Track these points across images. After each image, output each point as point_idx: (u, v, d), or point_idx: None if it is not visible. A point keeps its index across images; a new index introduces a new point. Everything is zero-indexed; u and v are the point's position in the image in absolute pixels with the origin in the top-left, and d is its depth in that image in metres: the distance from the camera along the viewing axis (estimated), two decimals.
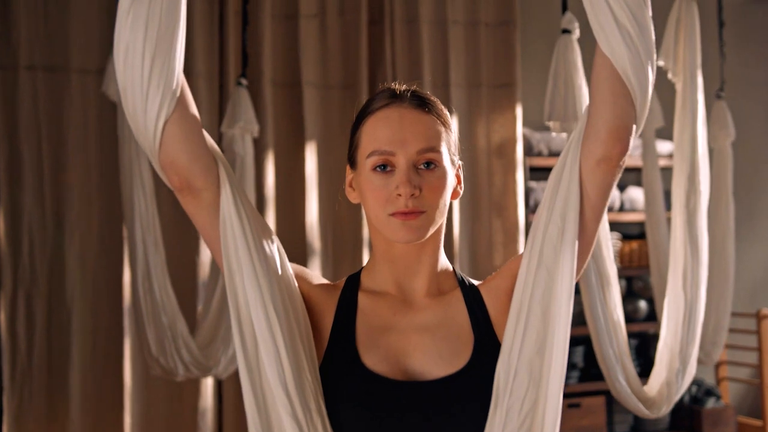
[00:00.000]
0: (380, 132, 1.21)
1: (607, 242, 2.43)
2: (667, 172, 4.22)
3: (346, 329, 1.22)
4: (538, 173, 4.33)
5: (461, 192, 1.28)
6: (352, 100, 3.81)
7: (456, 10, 4.02)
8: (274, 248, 1.20)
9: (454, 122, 1.29)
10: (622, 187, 4.42)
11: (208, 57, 3.62)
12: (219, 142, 3.26)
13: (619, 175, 1.16)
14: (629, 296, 4.39)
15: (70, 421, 3.38)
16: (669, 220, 3.24)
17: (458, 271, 1.31)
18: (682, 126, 2.53)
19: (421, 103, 1.23)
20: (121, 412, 3.44)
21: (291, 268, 1.23)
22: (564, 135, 2.86)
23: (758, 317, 4.39)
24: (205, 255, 3.52)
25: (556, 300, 1.15)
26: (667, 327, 2.52)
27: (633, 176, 4.51)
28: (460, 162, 1.28)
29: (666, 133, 4.01)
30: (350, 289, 1.27)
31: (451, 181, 1.23)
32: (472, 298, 1.25)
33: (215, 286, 3.16)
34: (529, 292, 1.17)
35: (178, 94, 1.11)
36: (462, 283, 1.28)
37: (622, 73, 1.10)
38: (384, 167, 1.20)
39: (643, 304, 4.35)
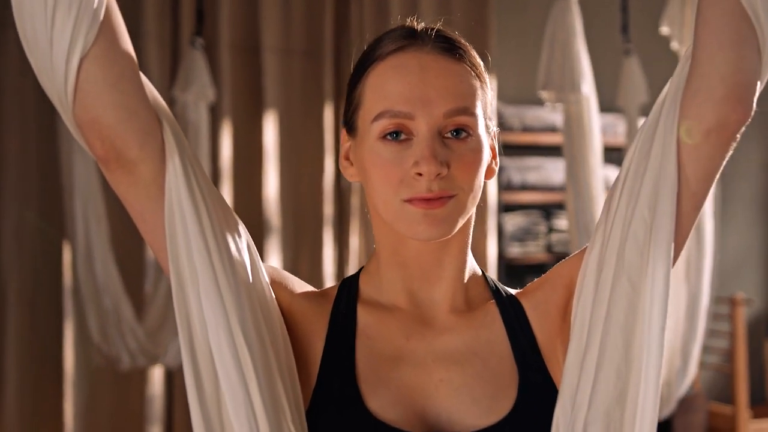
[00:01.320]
0: (392, 86, 0.89)
1: None
2: None
3: (342, 358, 0.90)
4: (510, 150, 4.12)
5: (497, 170, 0.96)
6: (316, 67, 3.61)
7: None
8: (243, 245, 0.87)
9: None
10: None
11: (158, 15, 3.35)
12: (170, 108, 3.00)
13: (730, 153, 0.85)
14: None
15: (5, 407, 3.15)
16: None
17: (490, 276, 0.99)
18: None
19: (449, 46, 0.91)
20: (60, 400, 3.21)
21: (266, 272, 0.91)
22: (547, 107, 2.65)
23: (731, 302, 4.28)
24: None
25: (644, 324, 0.82)
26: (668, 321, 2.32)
27: (614, 155, 4.32)
28: (496, 129, 0.97)
29: (649, 110, 3.82)
30: (346, 301, 0.94)
31: (486, 155, 0.92)
32: (513, 314, 0.93)
33: None
34: (603, 314, 0.84)
35: (101, 16, 0.80)
36: (497, 294, 0.96)
37: (748, 7, 0.79)
38: (397, 135, 0.88)
39: None
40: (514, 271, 3.99)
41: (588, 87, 2.34)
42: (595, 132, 2.45)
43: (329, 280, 3.55)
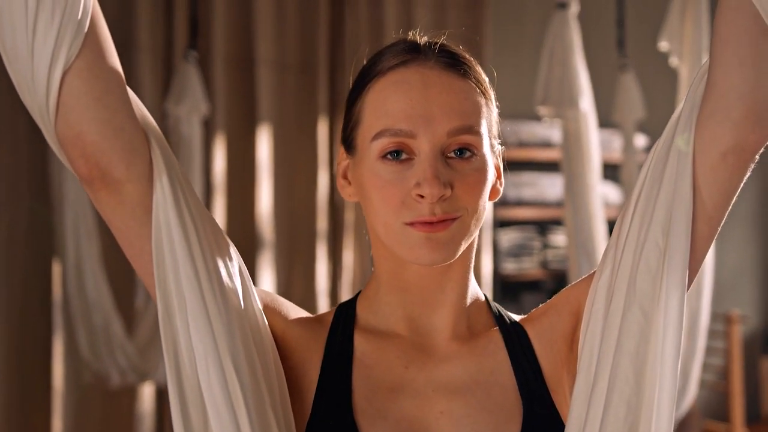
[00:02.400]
0: (394, 103, 0.85)
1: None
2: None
3: (338, 388, 0.86)
4: (505, 165, 4.09)
5: (501, 190, 0.92)
6: (310, 81, 3.59)
7: None
8: (234, 270, 0.83)
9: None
10: None
11: (152, 28, 3.32)
12: (163, 122, 2.98)
13: (748, 174, 0.81)
14: None
15: None
16: None
17: (492, 301, 0.95)
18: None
19: (453, 61, 0.88)
20: (49, 417, 3.16)
21: (258, 297, 0.86)
22: (542, 123, 2.63)
23: (727, 319, 4.25)
24: None
25: (657, 355, 0.78)
26: None
27: (610, 172, 4.30)
28: (500, 147, 0.92)
29: (645, 126, 3.80)
30: (342, 328, 0.90)
31: (491, 175, 0.88)
32: (517, 342, 0.89)
33: None
34: (613, 343, 0.79)
35: (86, 27, 0.75)
36: (500, 321, 0.92)
37: None
38: (398, 154, 0.84)
39: None
40: (509, 287, 3.96)
41: (587, 103, 2.32)
42: (594, 149, 2.43)
43: (322, 296, 3.51)
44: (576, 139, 2.39)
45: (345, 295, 3.57)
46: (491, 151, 0.89)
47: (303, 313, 0.93)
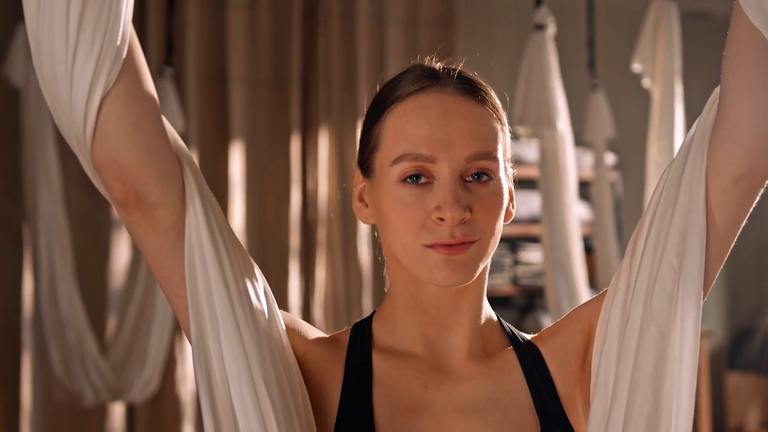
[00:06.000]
0: (414, 128, 0.87)
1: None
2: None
3: (359, 408, 0.87)
4: None
5: (514, 213, 0.94)
6: (283, 98, 3.58)
7: (396, 7, 3.82)
8: (261, 292, 0.85)
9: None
10: None
11: None
12: None
13: (758, 198, 0.84)
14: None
15: None
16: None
17: (505, 322, 0.97)
18: (659, 138, 2.34)
19: (471, 87, 0.90)
20: None
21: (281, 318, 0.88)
22: (518, 141, 2.66)
23: None
24: (119, 260, 3.17)
25: (674, 373, 0.80)
26: None
27: (581, 189, 4.35)
28: (513, 170, 0.95)
29: (615, 144, 3.86)
30: (360, 347, 0.91)
31: (506, 199, 0.91)
32: (532, 361, 0.91)
33: (130, 296, 2.86)
34: (630, 363, 0.82)
35: (123, 54, 0.76)
36: (514, 340, 0.94)
37: None
38: (417, 178, 0.86)
39: None
40: None
41: (563, 123, 2.36)
42: (570, 167, 2.47)
43: (294, 313, 3.50)
44: (553, 158, 2.42)
45: (317, 312, 3.56)
46: (505, 175, 0.92)
47: (319, 333, 0.94)
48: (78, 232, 3.09)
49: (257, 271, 0.87)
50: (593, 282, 4.15)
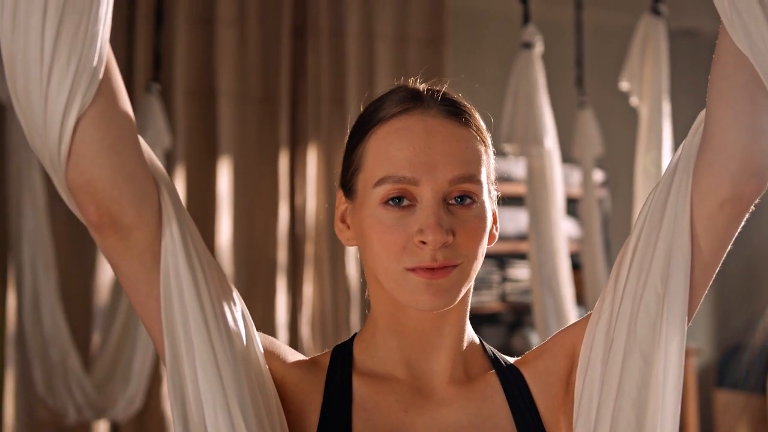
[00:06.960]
0: (397, 150, 0.86)
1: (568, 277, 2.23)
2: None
3: None
4: None
5: (497, 236, 0.93)
6: (271, 114, 3.58)
7: (385, 24, 3.83)
8: (238, 315, 0.83)
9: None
10: None
11: (114, 60, 3.29)
12: None
13: (743, 223, 0.84)
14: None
15: None
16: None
17: (488, 345, 0.96)
18: (646, 155, 2.34)
19: (454, 110, 0.89)
20: None
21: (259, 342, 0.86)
22: (505, 158, 2.66)
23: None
24: (103, 276, 3.15)
25: (658, 399, 0.79)
26: None
27: (569, 206, 4.36)
28: (497, 192, 0.94)
29: (603, 162, 3.87)
30: (340, 371, 0.90)
31: (489, 222, 0.89)
32: (514, 385, 0.90)
33: (114, 313, 2.84)
34: (614, 388, 0.81)
35: (100, 75, 0.74)
36: (496, 364, 0.93)
37: (765, 78, 0.76)
38: (399, 200, 0.85)
39: None
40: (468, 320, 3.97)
41: (551, 141, 2.36)
42: (558, 185, 2.47)
43: (282, 329, 3.48)
44: (540, 175, 2.42)
45: (304, 328, 3.54)
46: (489, 197, 0.91)
47: (299, 356, 0.92)
48: (62, 248, 3.07)
49: (236, 294, 0.86)
50: (581, 299, 4.15)
